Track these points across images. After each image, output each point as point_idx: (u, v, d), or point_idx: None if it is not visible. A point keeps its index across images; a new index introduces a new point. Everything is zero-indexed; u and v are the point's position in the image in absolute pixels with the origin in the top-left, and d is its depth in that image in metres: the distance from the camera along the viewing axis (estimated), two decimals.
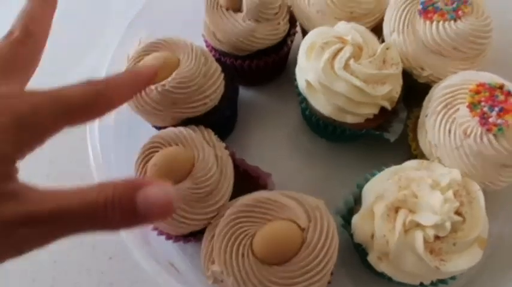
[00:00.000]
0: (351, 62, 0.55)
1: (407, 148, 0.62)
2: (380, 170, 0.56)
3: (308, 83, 0.59)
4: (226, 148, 0.58)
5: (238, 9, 0.64)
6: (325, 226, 0.48)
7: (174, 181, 0.51)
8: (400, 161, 0.56)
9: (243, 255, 0.47)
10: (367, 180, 0.56)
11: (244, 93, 0.74)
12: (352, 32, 0.58)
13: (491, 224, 0.53)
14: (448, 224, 0.46)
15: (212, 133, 0.58)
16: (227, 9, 0.64)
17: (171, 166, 0.51)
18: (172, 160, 0.51)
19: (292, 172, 0.67)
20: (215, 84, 0.60)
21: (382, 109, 0.60)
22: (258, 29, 0.63)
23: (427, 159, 0.57)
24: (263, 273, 0.46)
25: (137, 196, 0.31)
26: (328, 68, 0.56)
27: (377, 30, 0.64)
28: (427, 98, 0.58)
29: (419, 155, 0.59)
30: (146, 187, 0.31)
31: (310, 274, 0.46)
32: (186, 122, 0.59)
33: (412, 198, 0.49)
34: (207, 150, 0.54)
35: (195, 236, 0.55)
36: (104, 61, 0.63)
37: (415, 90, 0.61)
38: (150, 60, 0.57)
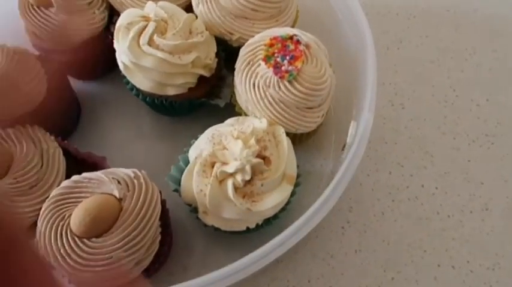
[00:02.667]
0: (155, 37, 0.58)
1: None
2: None
3: (124, 64, 0.61)
4: (59, 140, 0.60)
5: (49, 4, 0.64)
6: (143, 193, 0.51)
7: None
8: None
9: (61, 235, 0.48)
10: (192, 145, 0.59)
11: (87, 86, 0.75)
12: (156, 9, 0.61)
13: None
14: (248, 168, 0.51)
15: (38, 128, 0.59)
16: (38, 7, 0.65)
17: None
18: None
19: (138, 153, 0.69)
20: (33, 81, 0.60)
21: (203, 77, 0.63)
22: (72, 21, 0.64)
23: (247, 115, 0.61)
24: (82, 247, 0.48)
25: None
26: (135, 46, 0.58)
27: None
28: (237, 59, 0.62)
29: (243, 113, 0.63)
30: None
31: (130, 238, 0.48)
32: (13, 123, 0.60)
33: (222, 151, 0.53)
34: (27, 144, 0.55)
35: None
36: None
37: (235, 54, 0.65)
38: None
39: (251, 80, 0.58)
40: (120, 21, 0.61)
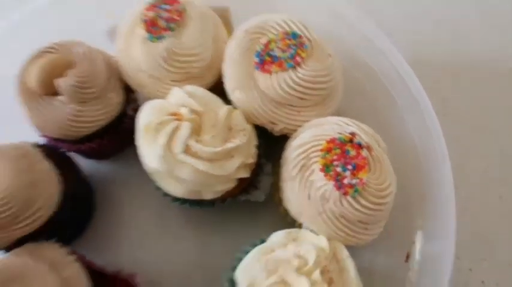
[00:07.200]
0: (192, 142, 0.49)
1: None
2: (252, 244, 0.52)
3: (153, 169, 0.52)
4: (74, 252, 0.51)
5: (54, 92, 0.54)
6: None
7: None
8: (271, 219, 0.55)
9: None
10: (239, 260, 0.51)
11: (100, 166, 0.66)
12: (187, 101, 0.51)
13: None
14: None
15: (52, 249, 0.50)
16: (41, 96, 0.54)
17: None
18: None
19: (164, 251, 0.61)
20: (47, 190, 0.51)
21: None
22: (86, 110, 0.54)
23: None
24: None
25: None
26: (168, 154, 0.49)
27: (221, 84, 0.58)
28: (283, 158, 0.54)
29: (288, 214, 0.55)
30: None
31: None
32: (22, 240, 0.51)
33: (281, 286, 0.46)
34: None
35: None
36: None
37: (274, 140, 0.57)
38: None
39: (305, 190, 0.50)
40: (147, 118, 0.51)
